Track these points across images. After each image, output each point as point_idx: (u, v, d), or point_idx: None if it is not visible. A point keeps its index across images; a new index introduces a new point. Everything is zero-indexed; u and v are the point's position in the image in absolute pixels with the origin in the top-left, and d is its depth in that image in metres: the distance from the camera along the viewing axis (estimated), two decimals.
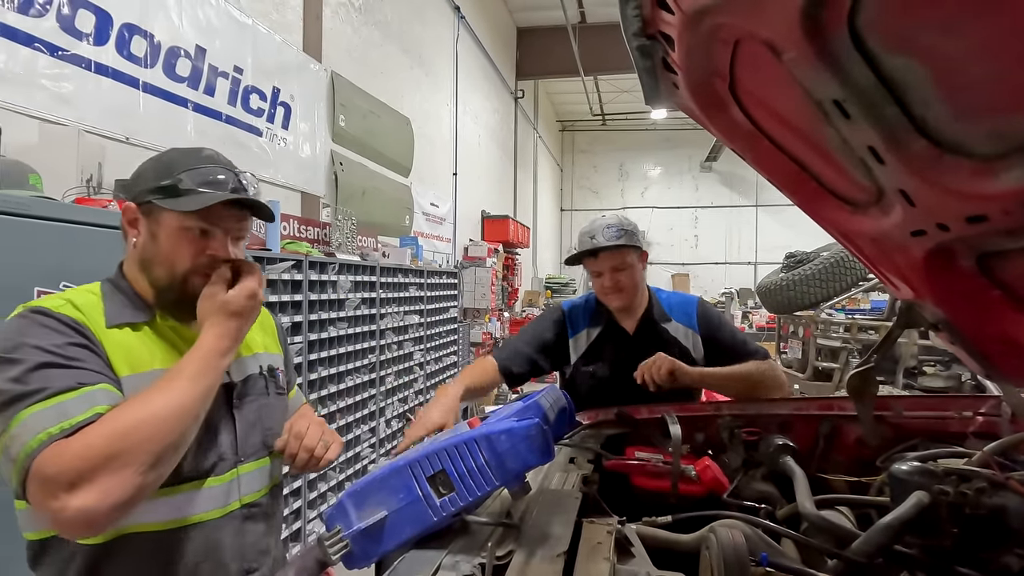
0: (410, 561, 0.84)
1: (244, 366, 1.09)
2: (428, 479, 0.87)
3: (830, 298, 4.85)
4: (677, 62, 1.17)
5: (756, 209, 14.61)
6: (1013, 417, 1.35)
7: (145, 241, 0.97)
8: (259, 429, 1.08)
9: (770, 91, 1.10)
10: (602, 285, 1.71)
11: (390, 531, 0.87)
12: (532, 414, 0.87)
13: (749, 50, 0.99)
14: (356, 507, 0.89)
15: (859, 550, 0.89)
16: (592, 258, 1.70)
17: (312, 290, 3.27)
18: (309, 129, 3.85)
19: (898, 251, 1.19)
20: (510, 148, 9.80)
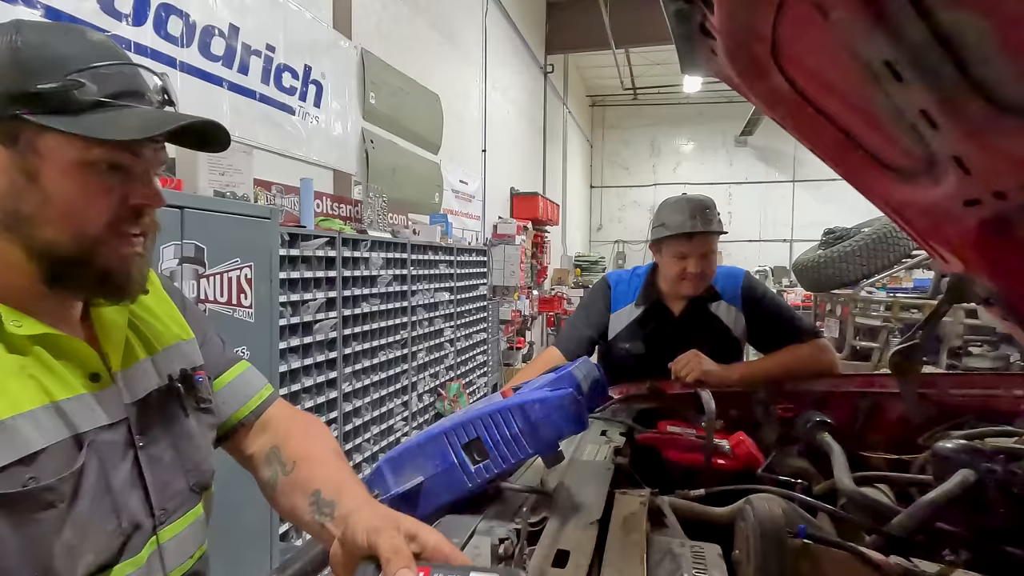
0: (445, 526, 0.87)
1: (142, 378, 0.71)
2: (463, 447, 0.88)
3: (871, 276, 4.69)
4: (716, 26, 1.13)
5: (793, 185, 14.13)
6: None
7: (12, 184, 0.59)
8: (180, 471, 0.73)
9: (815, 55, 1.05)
10: (684, 270, 1.60)
11: (426, 496, 0.90)
12: (566, 384, 0.88)
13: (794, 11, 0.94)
14: (393, 473, 0.92)
15: (901, 525, 0.87)
16: (686, 241, 1.59)
17: (345, 267, 3.33)
18: (340, 107, 3.87)
19: (949, 222, 1.14)
20: (539, 124, 9.67)
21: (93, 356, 0.66)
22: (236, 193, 2.20)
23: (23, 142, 0.58)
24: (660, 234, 1.62)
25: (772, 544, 0.65)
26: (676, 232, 1.58)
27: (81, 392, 0.62)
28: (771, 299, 1.64)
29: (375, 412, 3.76)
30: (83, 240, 0.61)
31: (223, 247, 2.02)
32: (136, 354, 0.72)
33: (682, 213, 1.60)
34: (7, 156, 0.58)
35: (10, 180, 0.58)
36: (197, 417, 0.77)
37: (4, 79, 0.56)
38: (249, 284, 2.14)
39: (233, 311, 2.07)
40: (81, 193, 0.60)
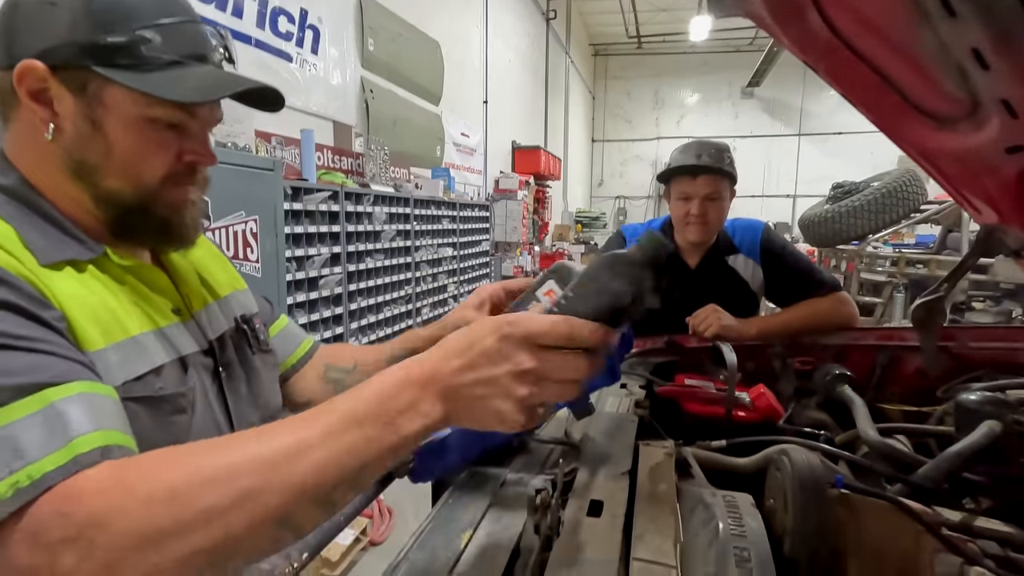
0: (473, 477, 0.87)
1: (216, 319, 0.75)
2: None
3: (878, 230, 4.64)
4: None
5: (799, 138, 13.86)
6: None
7: (78, 132, 0.60)
8: (253, 405, 0.76)
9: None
10: (687, 212, 1.55)
11: (452, 448, 0.89)
12: None
13: None
14: None
15: (926, 475, 0.87)
16: (689, 178, 1.54)
17: (348, 221, 3.28)
18: (339, 54, 3.72)
19: (988, 170, 1.10)
20: (541, 74, 9.37)
21: (174, 291, 0.71)
22: (238, 144, 2.13)
23: (91, 92, 0.60)
24: (663, 172, 1.60)
25: (812, 494, 0.65)
26: (678, 166, 1.55)
27: (175, 321, 0.68)
28: (791, 252, 1.61)
29: None
30: (142, 191, 0.64)
31: (227, 200, 1.98)
32: (207, 298, 0.76)
33: (689, 152, 1.56)
34: (74, 104, 0.60)
35: (76, 128, 0.61)
36: (262, 358, 0.81)
37: (76, 29, 0.58)
38: (255, 238, 2.10)
39: (240, 265, 2.04)
40: (141, 146, 0.62)
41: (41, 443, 0.45)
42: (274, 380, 0.84)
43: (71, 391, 0.49)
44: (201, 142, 0.67)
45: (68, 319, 0.55)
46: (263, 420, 0.72)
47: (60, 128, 0.60)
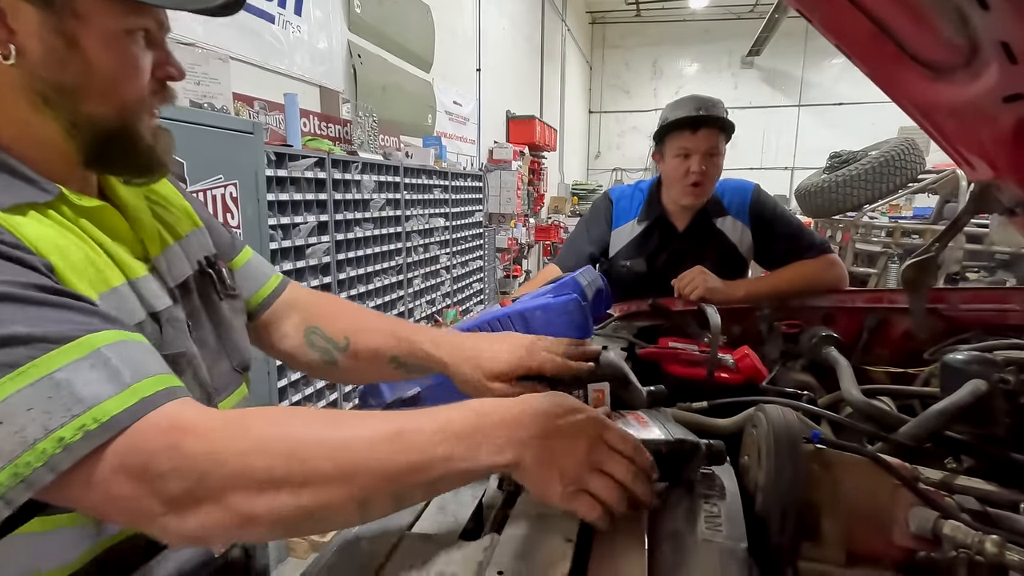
0: None
1: (178, 263, 0.68)
2: None
3: (875, 200, 4.60)
4: None
5: (798, 109, 13.65)
6: None
7: (48, 50, 0.52)
8: (223, 353, 0.72)
9: None
10: (688, 170, 1.49)
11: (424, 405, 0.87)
12: (569, 290, 0.83)
13: None
14: (389, 384, 0.88)
15: (909, 434, 0.85)
16: (690, 132, 1.48)
17: (336, 189, 3.21)
18: (324, 16, 3.60)
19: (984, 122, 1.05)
20: (536, 42, 9.14)
21: (132, 234, 0.64)
22: (215, 105, 2.06)
23: (59, 2, 0.51)
24: (662, 127, 1.53)
25: (786, 448, 0.63)
26: (680, 118, 1.48)
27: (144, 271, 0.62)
28: (781, 213, 1.57)
29: None
30: (126, 113, 0.58)
31: (204, 163, 1.91)
32: (166, 239, 0.69)
33: (687, 105, 1.50)
34: (39, 18, 0.51)
35: (46, 46, 0.52)
36: (229, 304, 0.76)
37: None
38: (235, 203, 2.05)
39: None
40: (124, 62, 0.56)
41: (98, 387, 0.45)
42: (243, 327, 0.78)
43: (112, 338, 0.48)
44: (169, 54, 0.61)
45: (55, 268, 0.50)
46: (234, 367, 0.74)
47: (22, 49, 0.51)
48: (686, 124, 1.48)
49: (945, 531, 0.56)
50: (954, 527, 0.56)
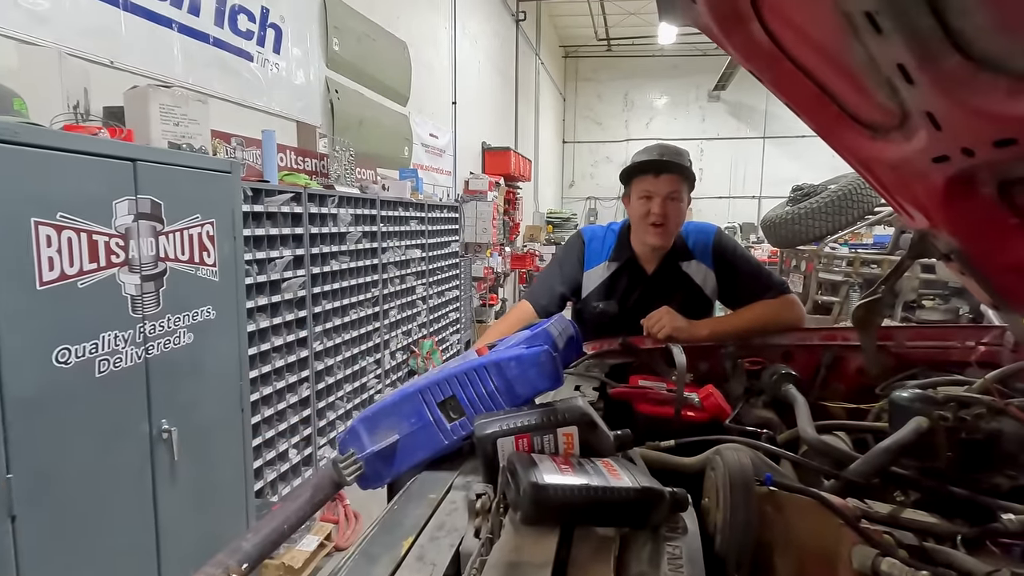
0: (423, 481, 0.87)
1: None
2: (439, 404, 0.88)
3: (835, 232, 4.81)
4: None
5: (763, 141, 14.21)
6: (1015, 346, 1.36)
7: None
8: None
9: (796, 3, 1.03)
10: (649, 211, 1.57)
11: (402, 454, 0.90)
12: (541, 341, 0.88)
13: None
14: (368, 432, 0.91)
15: (857, 471, 0.91)
16: (652, 176, 1.56)
17: (312, 223, 3.24)
18: (302, 54, 3.67)
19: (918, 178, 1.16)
20: (511, 76, 9.39)
21: None
22: (193, 145, 2.09)
23: None
24: (626, 169, 1.61)
25: (740, 492, 0.68)
26: (642, 162, 1.56)
27: None
28: (742, 255, 1.66)
29: (347, 370, 3.75)
30: None
31: (182, 203, 1.93)
32: None
33: (651, 152, 1.58)
34: None
35: None
36: None
37: None
38: (212, 241, 2.06)
39: (196, 269, 2.00)
40: None
41: None
42: None
43: None
44: None
45: None
46: None
47: None
48: (649, 168, 1.56)
49: (883, 568, 0.62)
50: (891, 564, 0.61)
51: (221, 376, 2.17)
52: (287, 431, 3.10)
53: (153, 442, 1.84)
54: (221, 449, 2.21)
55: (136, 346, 1.76)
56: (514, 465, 0.71)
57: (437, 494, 0.83)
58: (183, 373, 1.96)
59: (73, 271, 1.56)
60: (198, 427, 2.03)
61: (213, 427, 2.14)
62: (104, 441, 1.68)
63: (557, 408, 0.79)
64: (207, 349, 2.07)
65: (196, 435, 2.01)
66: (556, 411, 0.78)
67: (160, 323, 1.85)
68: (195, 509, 2.03)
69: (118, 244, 1.69)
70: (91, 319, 1.63)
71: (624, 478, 0.70)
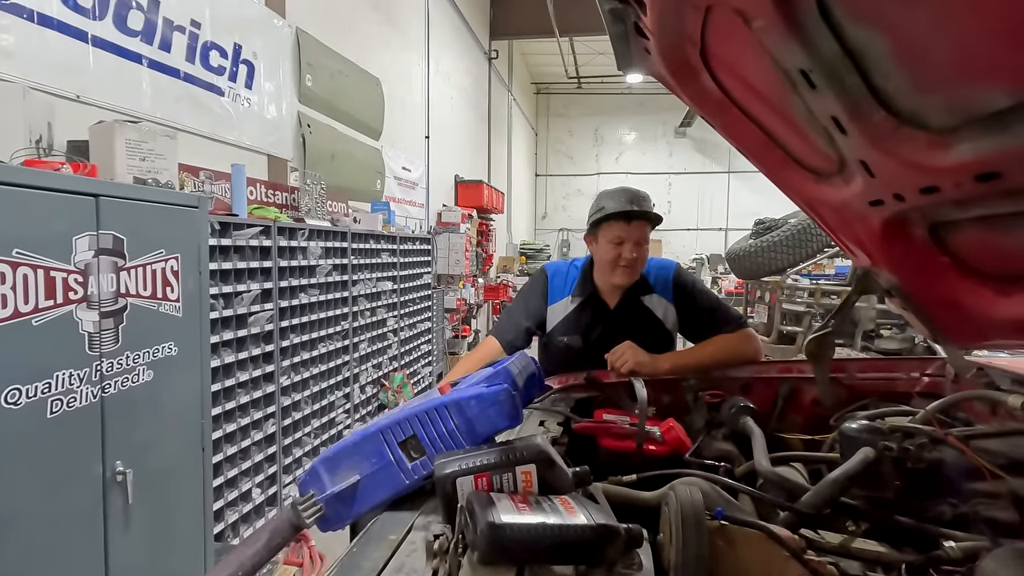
0: (383, 522, 0.87)
1: None
2: (400, 444, 0.89)
3: (796, 264, 4.98)
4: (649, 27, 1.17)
5: (728, 175, 14.74)
6: (956, 377, 1.43)
7: None
8: None
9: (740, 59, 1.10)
10: (619, 255, 1.62)
11: (363, 494, 0.89)
12: (501, 380, 0.90)
13: (720, 17, 0.99)
14: (329, 472, 0.91)
15: (808, 502, 0.95)
16: (624, 222, 1.61)
17: (282, 256, 3.21)
18: (274, 89, 3.70)
19: (857, 220, 1.24)
20: (484, 111, 9.60)
21: None
22: (159, 180, 2.08)
23: None
24: (598, 216, 1.64)
25: (691, 527, 0.70)
26: (616, 211, 1.61)
27: None
28: (701, 290, 1.72)
29: (315, 405, 3.68)
30: None
31: (145, 238, 1.90)
32: None
33: (621, 198, 1.63)
34: None
35: None
36: None
37: None
38: (176, 276, 2.03)
39: (159, 305, 1.96)
40: None
41: None
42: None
43: None
44: None
45: None
46: None
47: None
48: (621, 216, 1.62)
49: None
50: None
51: (181, 414, 2.11)
52: (251, 470, 3.00)
53: (106, 485, 1.77)
54: (179, 491, 2.13)
55: (92, 384, 1.71)
56: (472, 505, 0.72)
57: (397, 535, 0.83)
58: (141, 412, 1.90)
59: (28, 308, 1.52)
60: (155, 468, 1.96)
61: (171, 468, 2.06)
62: (53, 484, 1.61)
63: (515, 447, 0.80)
64: (167, 387, 2.02)
65: (153, 477, 1.94)
66: (514, 449, 0.80)
67: (118, 360, 1.80)
68: (149, 555, 1.95)
69: (76, 280, 1.65)
70: (45, 357, 1.58)
71: (580, 516, 0.71)
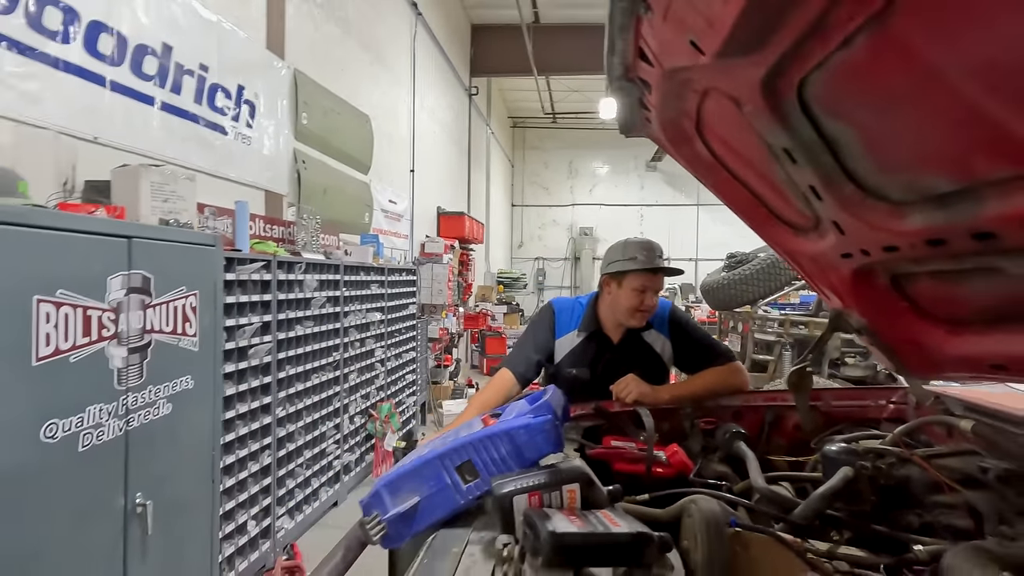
0: (443, 537, 0.99)
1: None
2: (456, 468, 1.02)
3: (767, 295, 5.27)
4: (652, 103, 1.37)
5: (697, 208, 15.32)
6: (917, 404, 1.64)
7: None
8: None
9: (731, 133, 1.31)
10: (642, 302, 1.76)
11: (422, 514, 1.02)
12: (545, 411, 1.04)
13: (715, 99, 1.19)
14: (391, 495, 1.03)
15: (800, 515, 1.11)
16: (651, 276, 1.76)
17: (280, 290, 3.30)
18: (273, 127, 3.83)
19: (831, 269, 1.45)
20: (464, 144, 9.87)
21: None
22: (180, 220, 2.18)
23: None
24: (629, 267, 1.77)
25: (715, 533, 0.84)
26: (646, 267, 1.75)
27: None
28: (694, 327, 1.90)
29: (308, 436, 3.72)
30: None
31: (169, 276, 2.00)
32: None
33: (648, 251, 1.78)
34: None
35: None
36: None
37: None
38: (194, 312, 2.12)
39: (179, 340, 2.05)
40: None
41: None
42: None
43: None
44: None
45: None
46: None
47: None
48: (651, 270, 1.77)
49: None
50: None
51: (195, 446, 2.18)
52: (247, 502, 3.02)
53: (127, 517, 1.82)
54: (191, 522, 2.17)
55: (118, 418, 1.78)
56: (532, 518, 0.85)
57: (458, 548, 0.95)
58: (160, 444, 1.96)
59: (67, 346, 1.60)
60: (171, 499, 2.01)
61: (185, 499, 2.12)
62: (81, 516, 1.66)
63: (561, 468, 0.95)
64: (183, 419, 2.09)
65: (169, 508, 2.00)
66: (561, 471, 0.94)
67: (142, 394, 1.88)
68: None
69: (109, 318, 1.74)
70: (79, 393, 1.65)
71: (622, 525, 0.86)
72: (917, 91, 0.82)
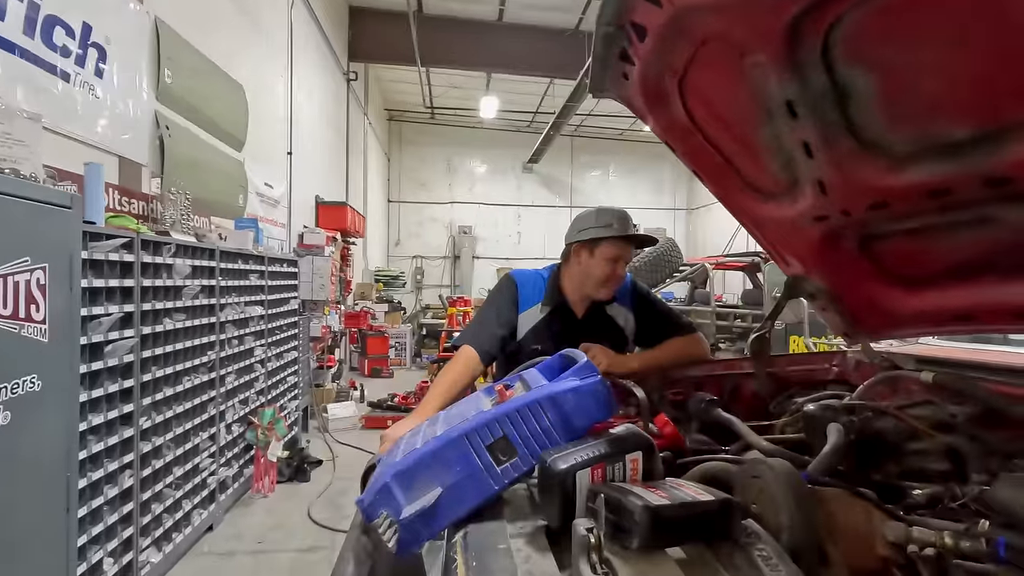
0: (478, 534, 0.80)
1: None
2: (487, 447, 0.83)
3: (655, 286, 5.60)
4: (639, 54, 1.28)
5: (570, 209, 16.00)
6: (857, 365, 1.75)
7: None
8: None
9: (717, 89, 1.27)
10: (613, 272, 1.69)
11: (445, 508, 0.81)
12: (589, 372, 0.89)
13: (712, 49, 1.13)
14: (404, 488, 0.81)
15: (818, 470, 1.09)
16: (624, 243, 1.68)
17: (144, 275, 2.73)
18: (128, 82, 3.18)
19: (797, 234, 1.47)
20: (343, 132, 9.23)
21: None
22: (19, 171, 1.66)
23: None
24: (604, 234, 1.67)
25: (802, 493, 0.76)
26: (620, 234, 1.66)
27: None
28: (655, 299, 1.87)
29: (179, 450, 3.13)
30: None
31: (6, 242, 1.51)
32: None
33: (622, 220, 1.69)
34: None
35: None
36: None
37: None
38: (42, 292, 1.63)
39: (21, 327, 1.55)
40: None
41: None
42: None
43: None
44: None
45: None
46: None
47: None
48: (625, 238, 1.68)
49: (914, 535, 0.75)
50: (921, 531, 0.75)
51: (43, 466, 1.67)
52: (101, 535, 2.44)
53: None
54: (35, 565, 1.66)
55: None
56: (613, 495, 0.70)
57: (504, 544, 0.77)
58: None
59: None
60: (6, 538, 1.51)
61: (26, 535, 1.61)
62: None
63: (623, 436, 0.81)
64: (27, 431, 1.59)
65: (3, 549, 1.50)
66: (624, 438, 0.80)
67: None
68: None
69: None
70: None
71: (704, 494, 0.74)
72: (962, 26, 0.81)
